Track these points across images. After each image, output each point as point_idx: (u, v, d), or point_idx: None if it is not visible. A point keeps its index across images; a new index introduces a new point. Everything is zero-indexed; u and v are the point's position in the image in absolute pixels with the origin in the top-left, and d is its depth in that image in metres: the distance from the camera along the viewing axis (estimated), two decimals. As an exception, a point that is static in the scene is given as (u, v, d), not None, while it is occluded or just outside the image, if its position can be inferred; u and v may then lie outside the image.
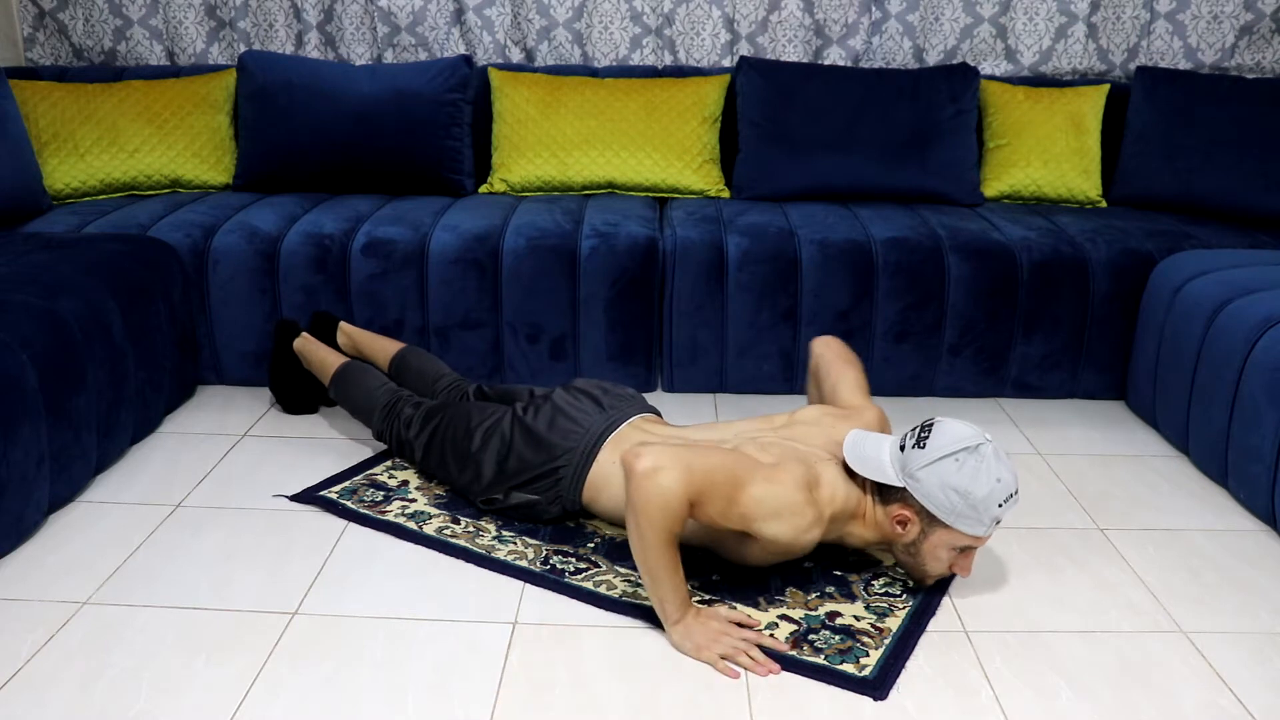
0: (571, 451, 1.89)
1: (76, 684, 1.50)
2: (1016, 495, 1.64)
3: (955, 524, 1.63)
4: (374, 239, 2.54)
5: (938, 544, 1.66)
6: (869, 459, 1.69)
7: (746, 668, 1.57)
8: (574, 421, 1.92)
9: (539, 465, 1.91)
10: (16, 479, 1.79)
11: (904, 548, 1.70)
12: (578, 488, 1.89)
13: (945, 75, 2.98)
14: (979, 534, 1.64)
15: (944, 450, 1.62)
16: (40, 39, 3.25)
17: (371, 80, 2.92)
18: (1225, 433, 2.10)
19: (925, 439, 1.64)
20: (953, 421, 1.66)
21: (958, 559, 1.69)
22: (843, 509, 1.69)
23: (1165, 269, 2.44)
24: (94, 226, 2.58)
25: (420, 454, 2.08)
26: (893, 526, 1.68)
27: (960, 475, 1.60)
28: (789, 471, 1.62)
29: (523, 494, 1.93)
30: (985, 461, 1.61)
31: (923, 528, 1.66)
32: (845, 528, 1.72)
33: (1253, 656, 1.62)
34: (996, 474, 1.61)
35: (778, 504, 1.59)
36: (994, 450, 1.63)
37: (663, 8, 3.18)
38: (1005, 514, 1.64)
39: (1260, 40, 3.14)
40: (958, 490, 1.60)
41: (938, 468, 1.61)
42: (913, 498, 1.64)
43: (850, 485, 1.71)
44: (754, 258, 2.52)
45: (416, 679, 1.53)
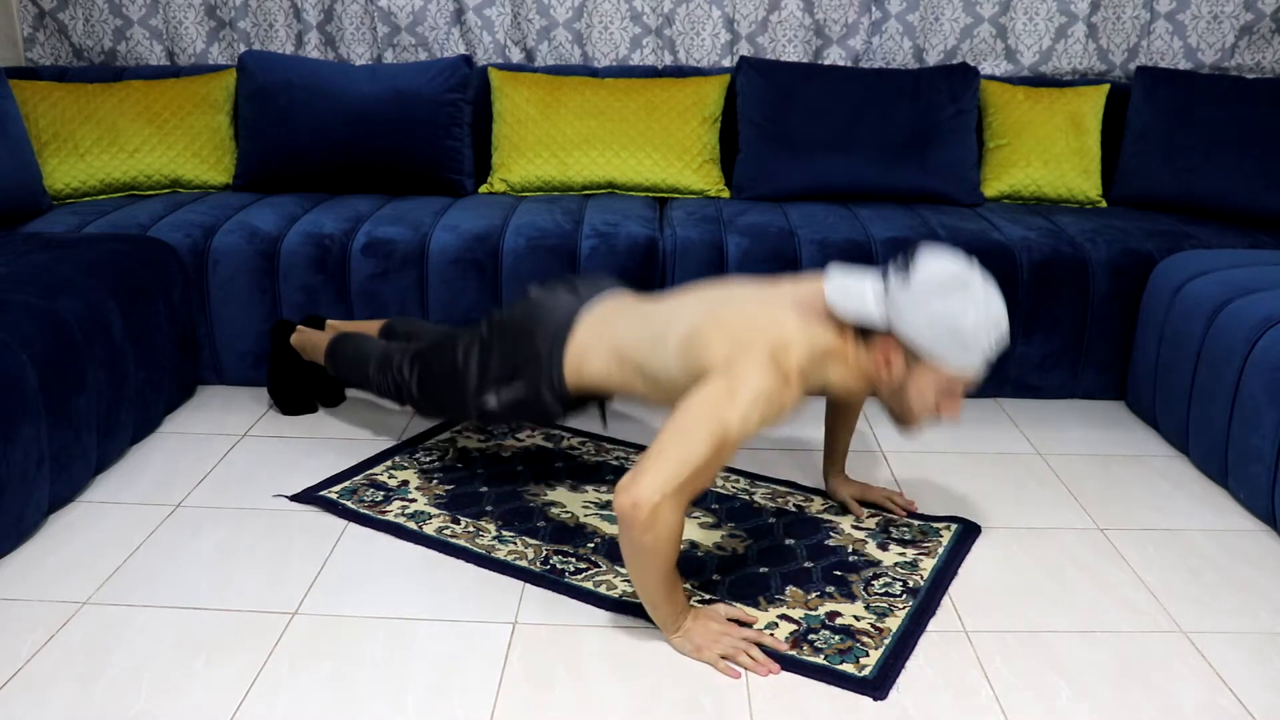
0: (547, 332, 1.84)
1: (76, 684, 1.50)
2: (1005, 329, 1.56)
3: (942, 360, 1.54)
4: (374, 239, 2.55)
5: (924, 383, 1.58)
6: (851, 300, 1.59)
7: (747, 667, 1.56)
8: (546, 306, 1.88)
9: (518, 354, 1.86)
10: (16, 479, 1.79)
11: (889, 389, 1.62)
12: (559, 367, 1.83)
13: (945, 75, 2.98)
14: (967, 369, 1.55)
15: (931, 283, 1.52)
16: (40, 39, 3.25)
17: (371, 80, 2.92)
18: (1225, 433, 2.10)
19: (909, 272, 1.55)
20: (937, 252, 1.57)
21: (945, 401, 1.60)
22: (818, 356, 1.60)
23: (1165, 269, 2.44)
24: (94, 226, 2.58)
25: (417, 390, 2.05)
26: (877, 366, 1.59)
27: (947, 309, 1.51)
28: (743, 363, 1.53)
29: (509, 390, 1.88)
30: (974, 296, 1.53)
31: (909, 366, 1.57)
32: (823, 375, 1.63)
33: (1253, 656, 1.62)
34: (985, 308, 1.52)
35: (758, 407, 1.51)
36: (983, 284, 1.55)
37: (663, 8, 3.19)
38: (994, 350, 1.56)
39: (1260, 40, 3.14)
40: (945, 325, 1.51)
41: (925, 303, 1.52)
42: (898, 334, 1.56)
43: (823, 328, 1.61)
44: (754, 258, 2.52)
45: (416, 679, 1.53)
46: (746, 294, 1.72)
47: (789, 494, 2.12)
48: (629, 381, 1.78)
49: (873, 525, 2.00)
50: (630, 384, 1.79)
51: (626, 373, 1.77)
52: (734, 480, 2.17)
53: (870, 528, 1.99)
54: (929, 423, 1.66)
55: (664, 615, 1.59)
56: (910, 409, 1.63)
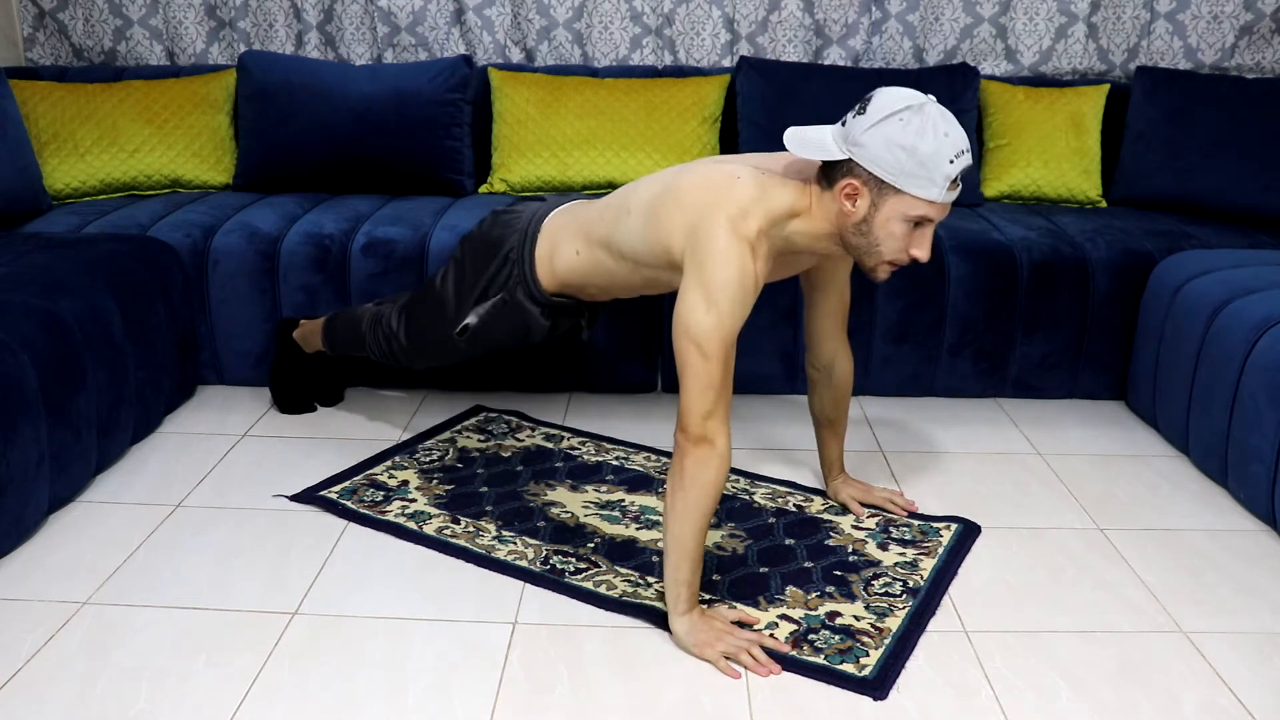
0: (514, 235, 1.88)
1: (76, 684, 1.50)
2: (967, 153, 1.55)
3: (905, 185, 1.53)
4: (374, 239, 2.55)
5: (890, 215, 1.56)
6: (809, 140, 1.59)
7: (748, 667, 1.56)
8: (512, 213, 1.93)
9: (489, 262, 1.89)
10: (16, 479, 1.79)
11: (854, 228, 1.59)
12: (530, 266, 1.86)
13: (945, 75, 2.98)
14: (931, 196, 1.53)
15: (886, 110, 1.52)
16: (40, 39, 3.25)
17: (371, 80, 2.92)
18: (1225, 433, 2.10)
19: (866, 104, 1.56)
20: (892, 88, 1.57)
21: (914, 235, 1.58)
22: (778, 215, 1.61)
23: (1165, 269, 2.44)
24: (94, 226, 2.58)
25: (405, 337, 2.07)
26: (840, 202, 1.58)
27: (905, 132, 1.51)
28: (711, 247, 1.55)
29: (487, 303, 1.91)
30: (930, 118, 1.51)
31: (872, 199, 1.56)
32: (789, 234, 1.64)
33: (1253, 656, 1.62)
34: (943, 129, 1.52)
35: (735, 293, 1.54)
36: (938, 109, 1.54)
37: (663, 8, 3.18)
38: (955, 172, 1.54)
39: (1260, 40, 3.14)
40: (904, 147, 1.51)
41: (881, 128, 1.52)
42: (859, 166, 1.54)
43: (783, 187, 1.62)
44: (754, 258, 2.52)
45: (416, 679, 1.53)
46: (704, 164, 1.73)
47: (789, 494, 2.12)
48: (599, 262, 1.80)
49: (873, 525, 2.00)
50: (600, 265, 1.81)
51: (595, 253, 1.80)
52: (734, 480, 2.17)
53: (870, 528, 1.99)
54: (898, 262, 1.62)
55: (681, 581, 1.59)
56: (878, 248, 1.60)
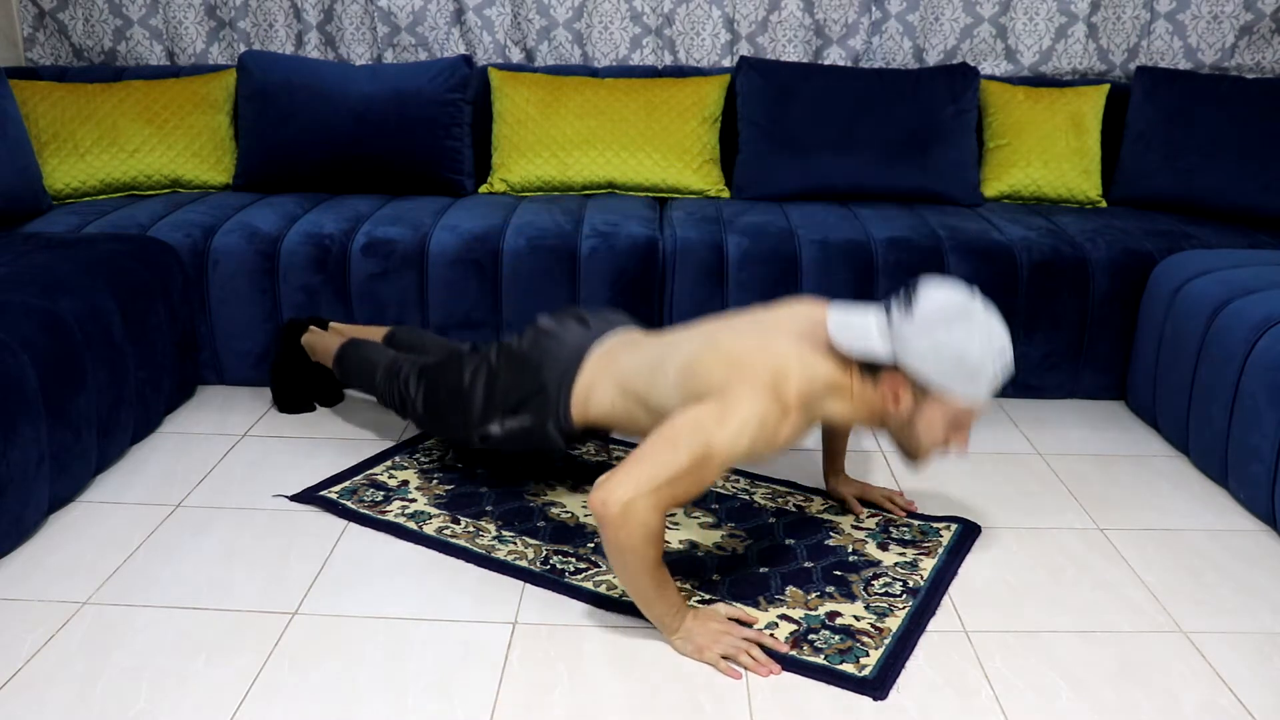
0: (556, 366, 1.86)
1: (76, 684, 1.50)
2: (1009, 355, 1.57)
3: (950, 391, 1.55)
4: (374, 239, 2.55)
5: (933, 416, 1.58)
6: (855, 335, 1.60)
7: (747, 667, 1.56)
8: (557, 340, 1.90)
9: (526, 386, 1.88)
10: (16, 479, 1.79)
11: (897, 424, 1.62)
12: (566, 403, 1.85)
13: (945, 75, 2.98)
14: (975, 401, 1.57)
15: (934, 316, 1.53)
16: (40, 39, 3.25)
17: (371, 80, 2.92)
18: (1225, 433, 2.10)
19: (911, 306, 1.56)
20: (938, 283, 1.58)
21: (953, 432, 1.61)
22: (817, 385, 1.59)
23: (1165, 269, 2.44)
24: (94, 226, 2.58)
25: (421, 406, 2.07)
26: (885, 402, 1.59)
27: (952, 339, 1.52)
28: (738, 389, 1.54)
29: (515, 420, 1.90)
30: (978, 324, 1.53)
31: (916, 400, 1.58)
32: (826, 407, 1.63)
33: (1253, 656, 1.62)
34: (989, 334, 1.54)
35: (747, 430, 1.52)
36: (984, 311, 1.56)
37: (663, 8, 3.19)
38: (1000, 375, 1.56)
39: (1260, 40, 3.14)
40: (952, 356, 1.52)
41: (929, 334, 1.53)
42: (904, 368, 1.56)
43: (825, 361, 1.61)
44: (754, 258, 2.52)
45: (416, 679, 1.53)
46: (747, 323, 1.73)
47: (789, 494, 2.12)
48: (631, 414, 1.80)
49: (873, 525, 2.00)
50: (633, 416, 1.80)
51: (629, 405, 1.79)
52: (734, 480, 2.17)
53: (870, 528, 1.99)
54: (937, 456, 1.67)
55: (658, 614, 1.59)
56: (919, 443, 1.64)
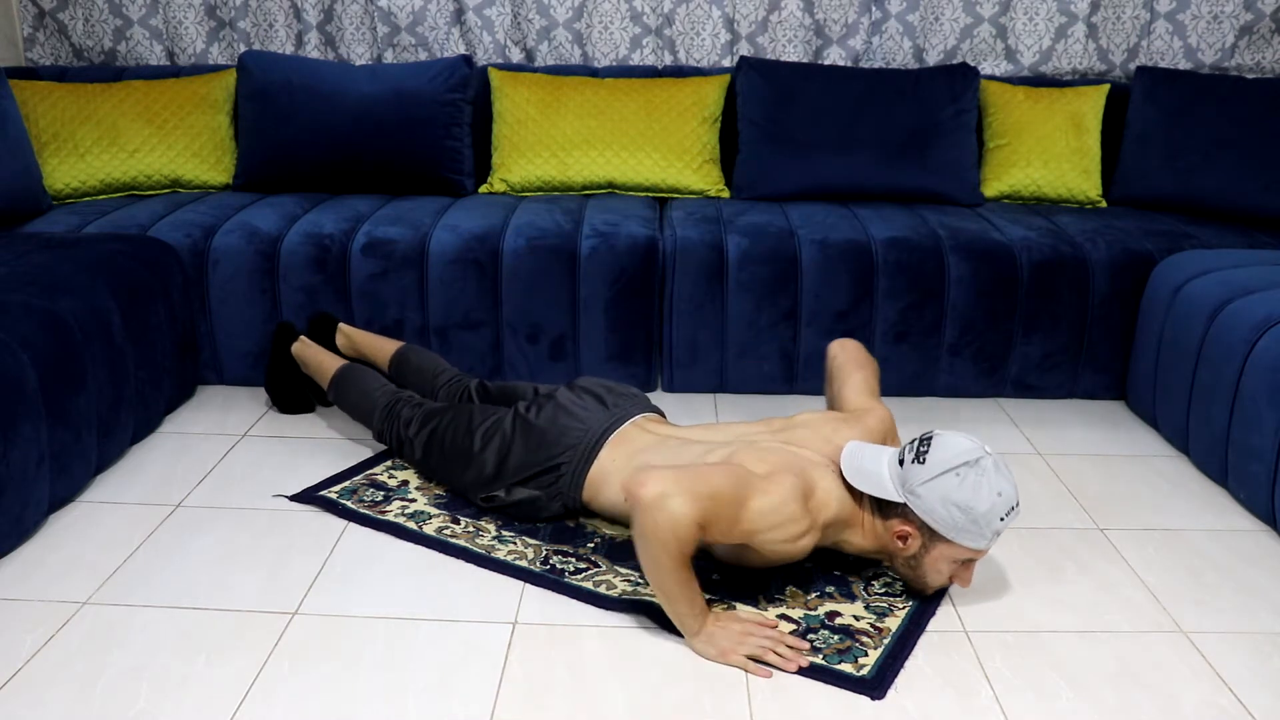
0: (573, 449, 1.89)
1: (76, 684, 1.50)
2: (1018, 508, 1.64)
3: (957, 539, 1.62)
4: (374, 239, 2.54)
5: (939, 558, 1.66)
6: (868, 474, 1.68)
7: (776, 665, 1.56)
8: (576, 419, 1.92)
9: (540, 462, 1.91)
10: (16, 479, 1.79)
11: (905, 561, 1.70)
12: (578, 485, 1.89)
13: (945, 75, 2.98)
14: (980, 547, 1.64)
15: (944, 465, 1.61)
16: (40, 39, 3.25)
17: (371, 80, 2.92)
18: (1225, 433, 2.10)
19: (925, 453, 1.63)
20: (952, 434, 1.66)
21: (958, 570, 1.69)
22: (837, 517, 1.68)
23: (1165, 269, 2.44)
24: (94, 226, 2.58)
25: (420, 453, 2.08)
26: (893, 541, 1.68)
27: (961, 490, 1.60)
28: (782, 483, 1.61)
29: (523, 490, 1.92)
30: (986, 475, 1.60)
31: (924, 542, 1.65)
32: (841, 535, 1.72)
33: (1253, 656, 1.62)
34: (998, 488, 1.61)
35: (777, 517, 1.58)
36: (994, 463, 1.63)
37: (663, 8, 3.18)
38: (1006, 526, 1.64)
39: (1260, 40, 3.14)
40: (959, 505, 1.60)
41: (938, 483, 1.61)
42: (913, 513, 1.64)
43: (845, 493, 1.70)
44: (754, 258, 2.52)
45: (416, 679, 1.53)
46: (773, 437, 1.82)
47: (789, 494, 2.12)
48: None
49: (873, 525, 2.00)
50: None
51: None
52: (734, 480, 2.17)
53: (870, 528, 1.99)
54: (940, 588, 1.74)
55: (682, 613, 1.59)
56: (925, 580, 1.71)
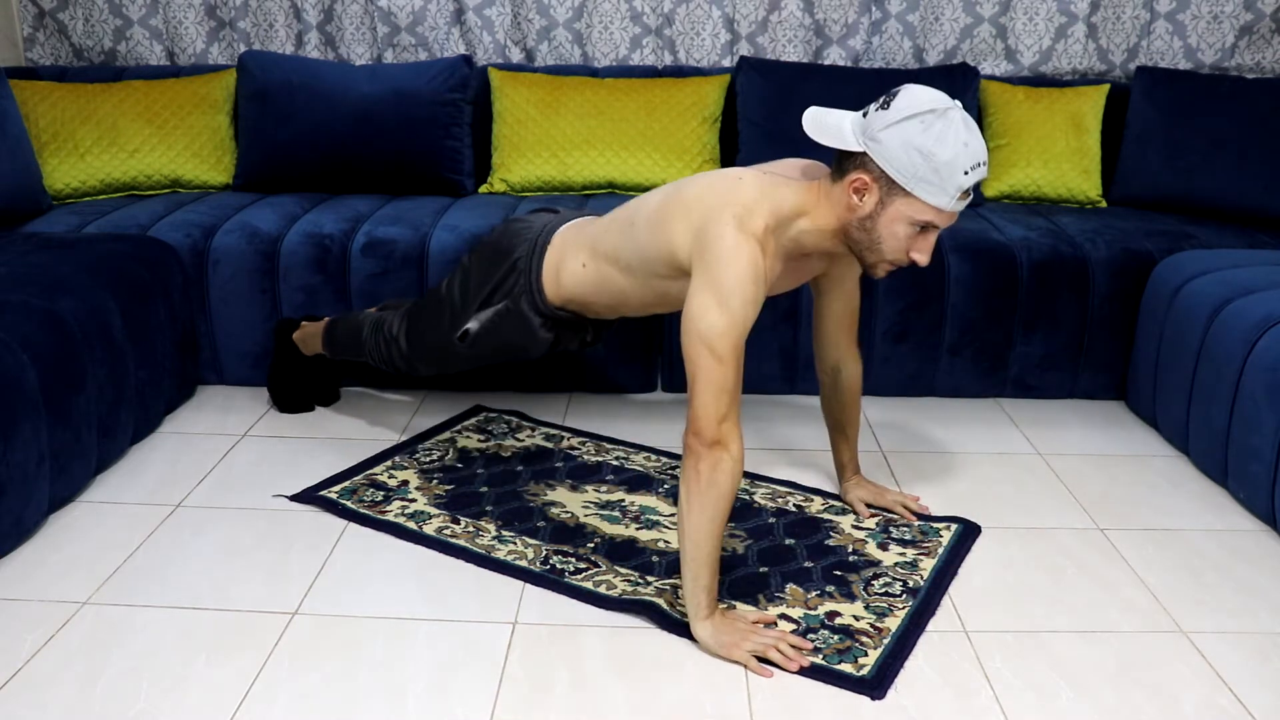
0: (525, 244, 1.89)
1: (76, 684, 1.50)
2: (983, 166, 1.55)
3: (916, 189, 1.52)
4: (374, 239, 2.55)
5: (896, 216, 1.56)
6: (828, 126, 1.59)
7: (779, 664, 1.56)
8: (525, 223, 1.94)
9: (497, 269, 1.89)
10: (16, 479, 1.79)
11: (858, 223, 1.59)
12: (538, 276, 1.86)
13: (945, 75, 2.98)
14: (941, 204, 1.54)
15: (909, 110, 1.52)
16: (40, 39, 3.25)
17: (371, 80, 2.92)
18: (1225, 433, 2.10)
19: (890, 101, 1.55)
20: (920, 87, 1.56)
21: (916, 239, 1.58)
22: (785, 211, 1.60)
23: (1165, 269, 2.44)
24: (94, 226, 2.58)
25: (405, 342, 2.07)
26: (848, 195, 1.58)
27: (925, 136, 1.50)
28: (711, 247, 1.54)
29: (490, 310, 1.90)
30: (953, 125, 1.51)
31: (881, 196, 1.56)
32: (793, 233, 1.63)
33: (1253, 656, 1.62)
34: (964, 138, 1.51)
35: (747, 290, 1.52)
36: (962, 116, 1.54)
37: (663, 8, 3.18)
38: (969, 184, 1.54)
39: (1260, 40, 3.14)
40: (921, 151, 1.50)
41: (902, 127, 1.51)
42: (872, 162, 1.54)
43: (789, 187, 1.63)
44: (754, 258, 2.52)
45: (416, 679, 1.53)
46: (709, 172, 1.74)
47: (789, 494, 2.12)
48: (604, 276, 1.81)
49: (873, 525, 2.00)
50: (606, 279, 1.81)
51: (601, 267, 1.80)
52: (734, 480, 2.17)
53: (870, 528, 1.99)
54: (897, 262, 1.63)
55: (703, 586, 1.58)
56: (881, 244, 1.61)
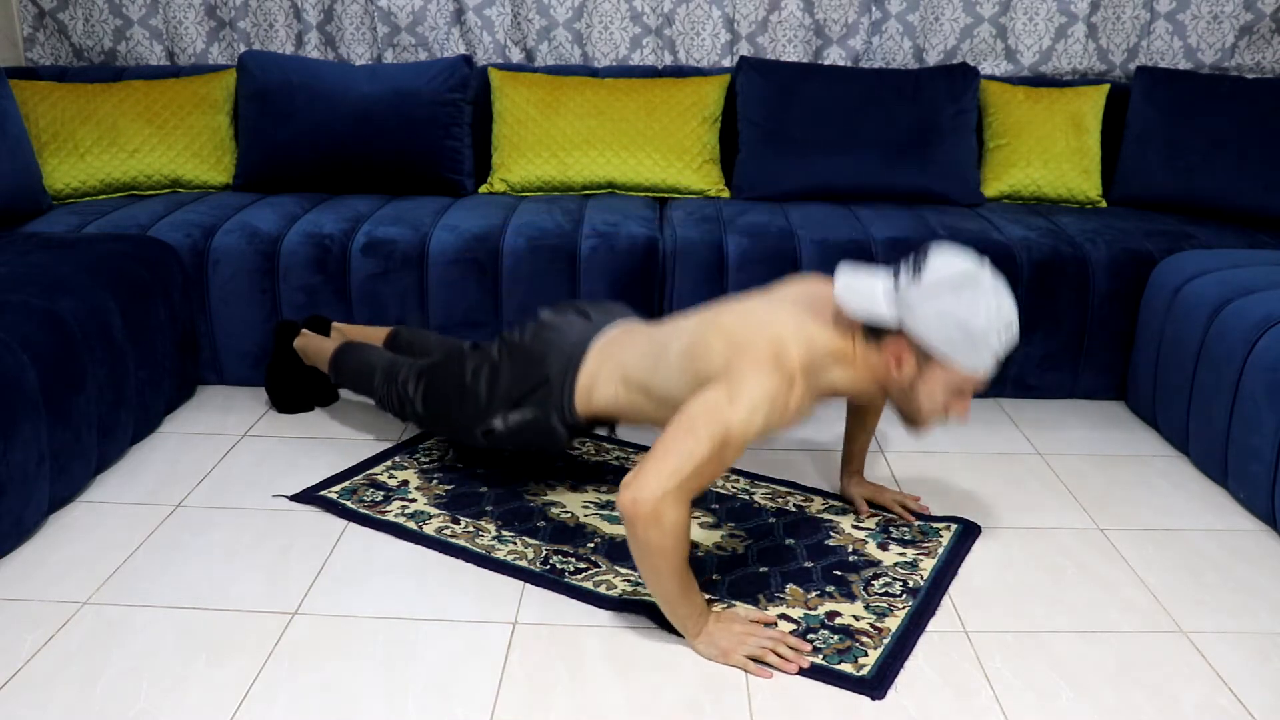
0: (559, 359, 1.86)
1: (76, 684, 1.50)
2: (1014, 326, 1.56)
3: (953, 358, 1.54)
4: (374, 239, 2.55)
5: (934, 383, 1.57)
6: (860, 296, 1.59)
7: (777, 666, 1.55)
8: (559, 332, 1.90)
9: (529, 379, 1.88)
10: (16, 479, 1.79)
11: (898, 389, 1.61)
12: (570, 395, 1.85)
13: (945, 75, 2.98)
14: (977, 369, 1.55)
15: (942, 280, 1.52)
16: (40, 39, 3.25)
17: (371, 80, 2.92)
18: (1225, 433, 2.10)
19: (920, 268, 1.55)
20: (948, 250, 1.57)
21: (954, 400, 1.60)
22: (824, 353, 1.59)
23: (1165, 269, 2.44)
24: (94, 226, 2.58)
25: (422, 407, 2.06)
26: (887, 366, 1.58)
27: (959, 306, 1.51)
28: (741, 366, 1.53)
29: (519, 414, 1.89)
30: (984, 291, 1.52)
31: (919, 365, 1.57)
32: (830, 376, 1.62)
33: (1253, 656, 1.62)
34: (994, 304, 1.52)
35: (760, 409, 1.51)
36: (991, 278, 1.55)
37: (663, 8, 3.18)
38: (1004, 348, 1.55)
39: (1260, 40, 3.14)
40: (957, 322, 1.51)
41: (936, 299, 1.52)
42: (908, 333, 1.56)
43: (825, 329, 1.61)
44: (754, 258, 2.52)
45: (416, 679, 1.53)
46: (746, 301, 1.73)
47: (789, 494, 2.12)
48: (635, 404, 1.80)
49: (873, 525, 2.00)
50: (637, 406, 1.80)
51: (633, 395, 1.80)
52: (734, 480, 2.17)
53: (870, 528, 1.99)
54: (937, 422, 1.66)
55: (682, 616, 1.58)
56: (920, 409, 1.62)
